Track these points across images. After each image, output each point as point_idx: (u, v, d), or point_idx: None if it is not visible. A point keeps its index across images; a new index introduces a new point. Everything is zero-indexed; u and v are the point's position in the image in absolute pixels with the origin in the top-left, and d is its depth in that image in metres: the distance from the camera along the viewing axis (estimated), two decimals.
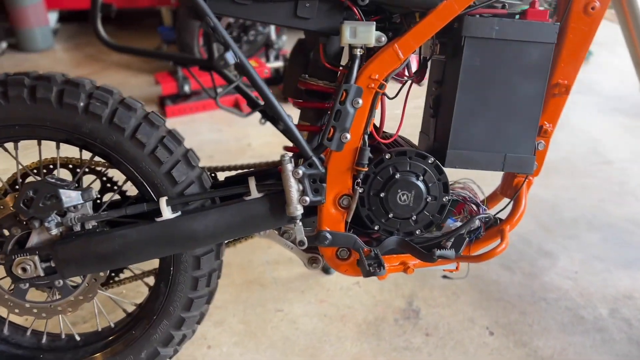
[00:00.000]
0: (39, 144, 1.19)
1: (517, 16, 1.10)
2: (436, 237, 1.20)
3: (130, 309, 1.36)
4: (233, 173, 1.32)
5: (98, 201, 1.27)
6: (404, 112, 1.19)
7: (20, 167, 1.19)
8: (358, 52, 1.06)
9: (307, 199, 1.11)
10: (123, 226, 1.13)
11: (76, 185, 1.16)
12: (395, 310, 1.63)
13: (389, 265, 1.20)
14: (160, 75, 3.17)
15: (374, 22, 1.05)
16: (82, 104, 1.08)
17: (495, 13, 1.08)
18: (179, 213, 1.13)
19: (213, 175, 1.35)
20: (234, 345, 1.50)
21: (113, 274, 1.39)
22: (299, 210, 1.11)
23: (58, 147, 1.19)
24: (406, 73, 1.16)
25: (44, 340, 1.31)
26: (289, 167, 1.09)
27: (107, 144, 1.11)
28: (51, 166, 1.25)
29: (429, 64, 1.21)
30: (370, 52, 1.10)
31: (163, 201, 1.10)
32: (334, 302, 1.67)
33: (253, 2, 1.06)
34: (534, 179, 1.26)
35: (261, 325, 1.58)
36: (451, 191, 1.25)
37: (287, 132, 1.09)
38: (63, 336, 1.32)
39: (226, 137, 2.95)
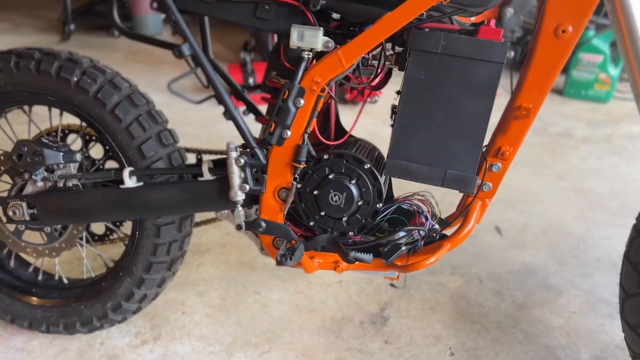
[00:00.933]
0: (49, 111, 1.41)
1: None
2: (375, 241, 1.23)
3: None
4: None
5: (101, 167, 1.46)
6: (357, 117, 1.23)
7: (36, 129, 1.42)
8: (305, 54, 1.13)
9: (247, 186, 1.19)
10: (94, 188, 1.30)
11: (67, 148, 1.34)
12: (365, 314, 1.66)
13: (322, 261, 1.25)
14: (232, 66, 3.39)
15: (321, 28, 1.10)
16: (75, 79, 1.26)
17: (446, 28, 1.09)
18: (141, 184, 1.27)
19: (199, 157, 1.49)
20: (205, 316, 1.63)
21: (108, 232, 1.59)
22: (239, 196, 1.20)
23: (61, 115, 1.39)
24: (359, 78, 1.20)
25: (39, 277, 1.53)
26: (233, 154, 1.18)
27: (92, 116, 1.28)
28: (66, 131, 1.47)
29: (392, 72, 1.24)
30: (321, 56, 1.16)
31: (126, 171, 1.25)
32: (311, 295, 1.73)
33: (217, 1, 1.16)
34: (489, 201, 1.23)
35: (236, 303, 1.68)
36: (407, 201, 1.28)
37: (233, 122, 1.18)
38: (56, 277, 1.54)
39: None
